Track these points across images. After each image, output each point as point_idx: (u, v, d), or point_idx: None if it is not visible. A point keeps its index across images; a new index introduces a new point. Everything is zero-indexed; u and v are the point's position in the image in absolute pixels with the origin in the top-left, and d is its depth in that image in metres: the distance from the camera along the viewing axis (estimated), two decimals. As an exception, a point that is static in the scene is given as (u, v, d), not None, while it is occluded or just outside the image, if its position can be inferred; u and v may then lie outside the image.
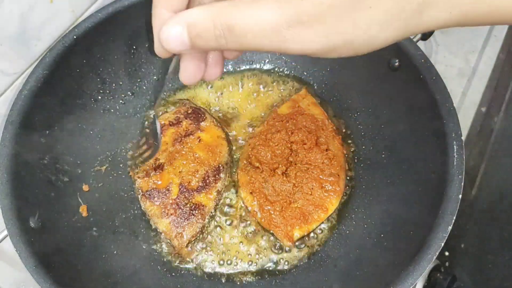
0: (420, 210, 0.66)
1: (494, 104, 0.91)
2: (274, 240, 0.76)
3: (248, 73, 0.90)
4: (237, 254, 0.75)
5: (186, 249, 0.74)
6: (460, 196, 0.61)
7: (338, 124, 0.84)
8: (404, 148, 0.74)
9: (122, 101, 0.84)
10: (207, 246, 0.75)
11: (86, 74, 0.78)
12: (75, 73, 0.76)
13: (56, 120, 0.74)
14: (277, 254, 0.75)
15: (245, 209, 0.77)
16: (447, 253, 0.81)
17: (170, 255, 0.75)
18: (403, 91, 0.75)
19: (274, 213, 0.74)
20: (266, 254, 0.75)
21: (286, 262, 0.74)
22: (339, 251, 0.73)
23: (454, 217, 0.60)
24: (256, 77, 0.89)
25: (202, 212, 0.75)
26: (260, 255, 0.75)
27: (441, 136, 0.65)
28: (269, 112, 0.85)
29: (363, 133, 0.82)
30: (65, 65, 0.74)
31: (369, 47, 0.38)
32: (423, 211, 0.65)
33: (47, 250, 0.63)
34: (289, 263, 0.74)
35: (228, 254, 0.75)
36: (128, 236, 0.75)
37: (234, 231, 0.77)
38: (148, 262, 0.74)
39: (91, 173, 0.78)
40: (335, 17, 0.35)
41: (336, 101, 0.86)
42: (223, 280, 0.73)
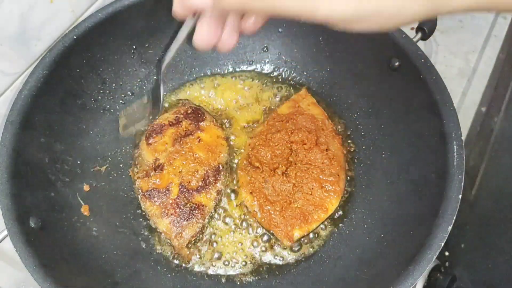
0: (420, 210, 0.66)
1: (494, 104, 0.91)
2: (274, 240, 0.76)
3: (248, 73, 0.90)
4: (237, 254, 0.75)
5: (186, 249, 0.74)
6: (460, 196, 0.61)
7: (338, 124, 0.84)
8: (404, 148, 0.74)
9: (122, 101, 0.84)
10: (207, 246, 0.75)
11: (86, 74, 0.78)
12: (75, 73, 0.76)
13: (56, 120, 0.74)
14: (277, 254, 0.75)
15: (245, 209, 0.77)
16: (447, 253, 0.81)
17: (170, 255, 0.75)
18: (403, 91, 0.75)
19: (274, 213, 0.74)
20: (266, 254, 0.75)
21: (286, 262, 0.74)
22: (339, 251, 0.73)
23: (454, 217, 0.60)
24: (256, 77, 0.89)
25: (202, 212, 0.75)
26: (260, 255, 0.75)
27: (441, 136, 0.65)
28: (269, 112, 0.85)
29: (363, 133, 0.82)
30: (65, 65, 0.74)
31: (398, 20, 0.37)
32: (423, 211, 0.65)
33: (47, 250, 0.63)
34: (289, 263, 0.74)
35: (228, 254, 0.75)
36: (128, 236, 0.75)
37: (234, 231, 0.77)
38: (148, 262, 0.74)
39: (91, 173, 0.78)
40: None
41: (336, 101, 0.86)
42: (223, 280, 0.73)
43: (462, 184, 0.62)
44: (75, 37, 0.73)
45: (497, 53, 0.96)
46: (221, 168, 0.78)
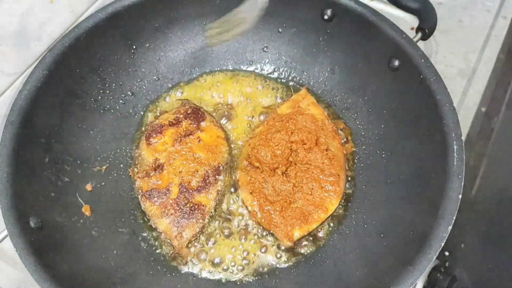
0: (420, 210, 0.66)
1: (494, 104, 0.91)
2: (274, 240, 0.76)
3: (248, 73, 0.90)
4: (237, 254, 0.75)
5: (186, 249, 0.74)
6: (460, 196, 0.61)
7: (338, 124, 0.84)
8: (404, 148, 0.74)
9: (122, 101, 0.84)
10: (207, 246, 0.75)
11: (86, 74, 0.78)
12: (75, 73, 0.76)
13: (56, 120, 0.74)
14: (277, 254, 0.75)
15: (245, 209, 0.77)
16: (447, 253, 0.81)
17: (170, 255, 0.75)
18: (403, 91, 0.75)
19: (274, 213, 0.74)
20: (266, 254, 0.75)
21: (286, 262, 0.74)
22: (339, 251, 0.73)
23: (454, 217, 0.60)
24: (256, 77, 0.89)
25: (202, 212, 0.75)
26: (260, 255, 0.75)
27: (441, 136, 0.65)
28: (269, 112, 0.85)
29: (363, 133, 0.82)
30: (65, 65, 0.74)
31: None
32: (423, 211, 0.65)
33: (47, 250, 0.63)
34: (289, 263, 0.74)
35: (228, 254, 0.75)
36: (128, 236, 0.75)
37: (234, 232, 0.77)
38: (148, 262, 0.74)
39: (91, 173, 0.78)
40: None
41: (336, 101, 0.86)
42: (223, 280, 0.73)
43: (462, 184, 0.62)
44: (75, 37, 0.73)
45: (497, 53, 0.96)
46: (221, 168, 0.78)
